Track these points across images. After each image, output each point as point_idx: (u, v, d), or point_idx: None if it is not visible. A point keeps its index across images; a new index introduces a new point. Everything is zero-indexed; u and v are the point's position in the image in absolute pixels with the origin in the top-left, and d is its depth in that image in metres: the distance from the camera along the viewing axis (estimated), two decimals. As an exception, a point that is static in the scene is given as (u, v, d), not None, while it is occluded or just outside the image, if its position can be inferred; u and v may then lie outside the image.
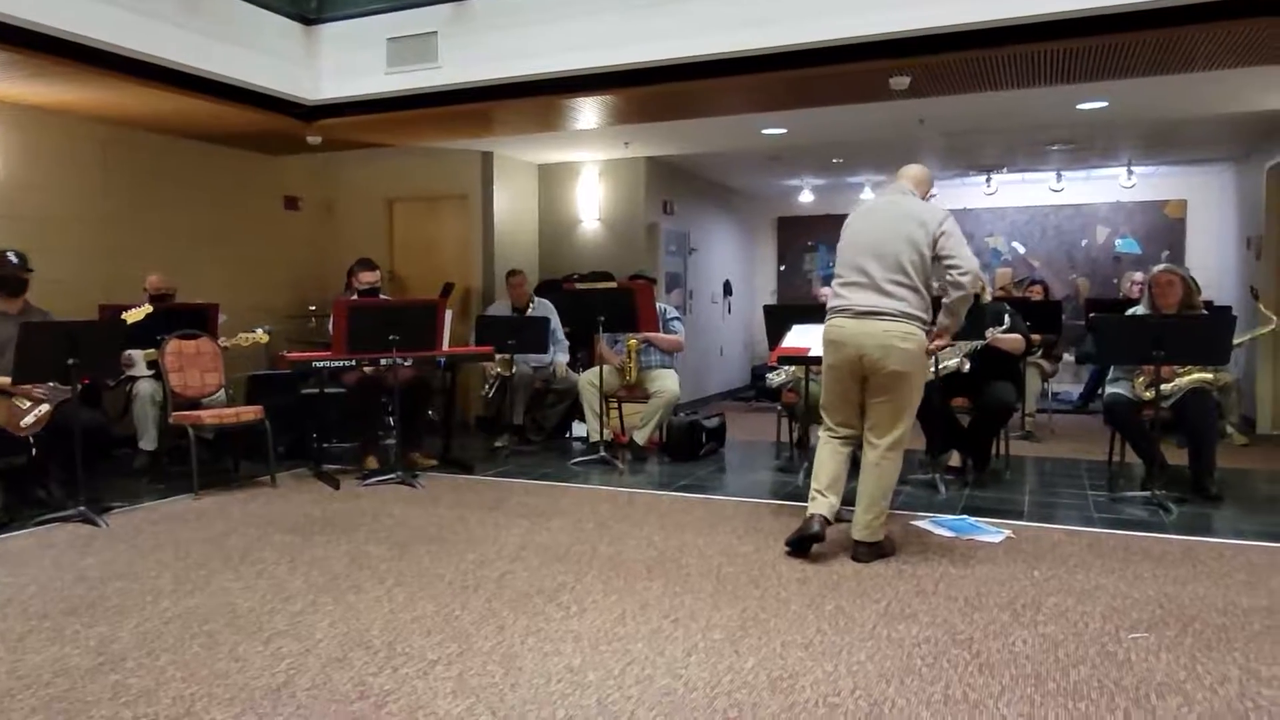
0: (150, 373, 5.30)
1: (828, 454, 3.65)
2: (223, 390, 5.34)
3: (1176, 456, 4.96)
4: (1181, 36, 4.30)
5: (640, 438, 5.95)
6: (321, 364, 5.06)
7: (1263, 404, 7.11)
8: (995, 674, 2.47)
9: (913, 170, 3.78)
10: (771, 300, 10.74)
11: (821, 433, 3.73)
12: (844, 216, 3.74)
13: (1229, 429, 6.53)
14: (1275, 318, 5.32)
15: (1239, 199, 8.41)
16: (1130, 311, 5.13)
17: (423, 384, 5.62)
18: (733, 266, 10.57)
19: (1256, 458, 5.97)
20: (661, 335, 6.05)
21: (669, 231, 8.59)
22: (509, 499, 4.76)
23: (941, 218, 3.50)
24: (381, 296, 5.82)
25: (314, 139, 6.55)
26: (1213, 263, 8.93)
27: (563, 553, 3.71)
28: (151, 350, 5.19)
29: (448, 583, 3.32)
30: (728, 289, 10.30)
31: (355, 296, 5.63)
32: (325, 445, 5.86)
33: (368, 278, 5.69)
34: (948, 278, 3.50)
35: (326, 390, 5.65)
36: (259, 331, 5.53)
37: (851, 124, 6.63)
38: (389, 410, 5.15)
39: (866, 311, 3.48)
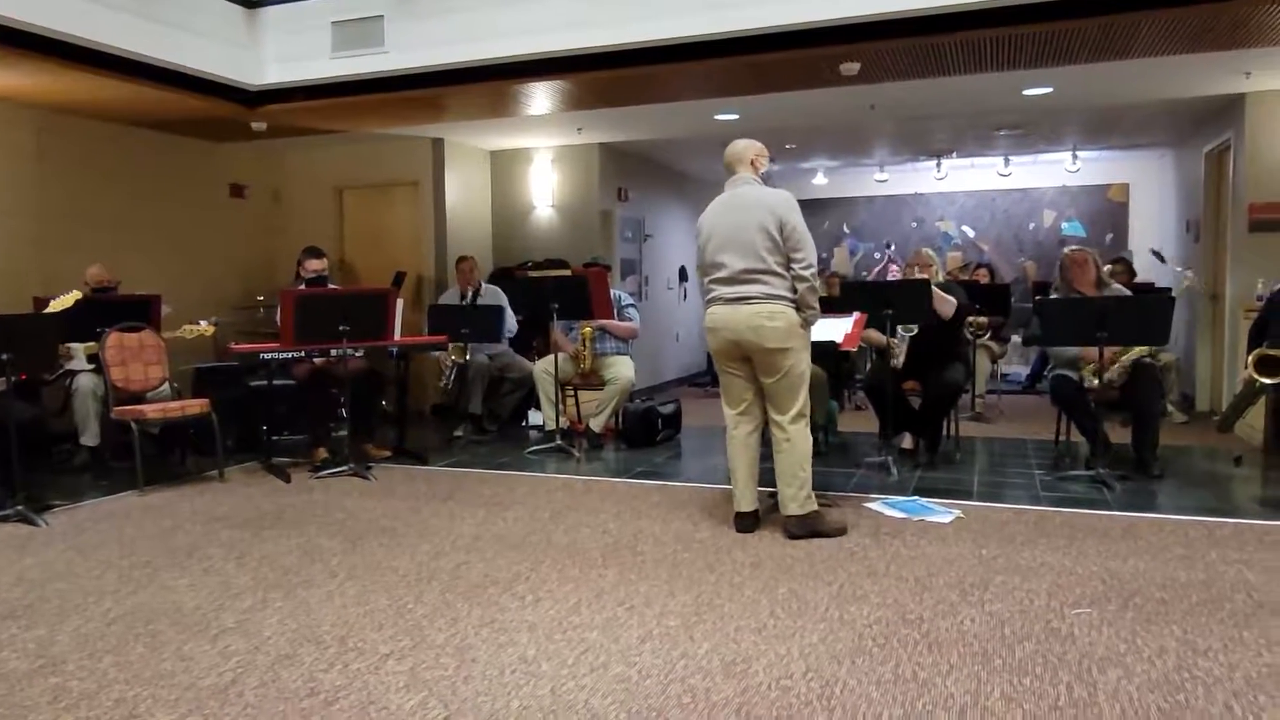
0: (91, 367, 5.15)
1: (738, 449, 3.83)
2: (167, 384, 5.22)
3: (1119, 435, 5.08)
4: (1122, 23, 4.38)
5: (596, 425, 5.94)
6: (269, 356, 4.96)
7: (1201, 383, 7.32)
8: (944, 652, 2.51)
9: (740, 151, 3.86)
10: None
11: (727, 428, 3.88)
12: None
13: (1169, 407, 6.71)
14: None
15: (1178, 183, 8.63)
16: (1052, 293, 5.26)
17: (375, 374, 5.55)
18: (688, 252, 10.57)
19: (1195, 435, 6.14)
20: (616, 322, 6.04)
21: (624, 218, 8.57)
22: (464, 489, 4.73)
23: (788, 208, 3.66)
24: (330, 286, 5.72)
25: (259, 125, 6.40)
26: (1154, 244, 9.15)
27: (518, 542, 3.69)
28: (92, 344, 5.04)
29: (401, 575, 3.29)
30: (683, 275, 10.32)
31: (302, 286, 5.52)
32: (275, 438, 5.76)
33: (315, 266, 5.59)
34: (793, 270, 3.65)
35: (276, 382, 5.54)
36: (204, 324, 5.41)
37: (804, 109, 6.66)
38: (340, 401, 5.07)
39: (734, 298, 3.68)
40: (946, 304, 5.03)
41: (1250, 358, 4.54)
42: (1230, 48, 4.91)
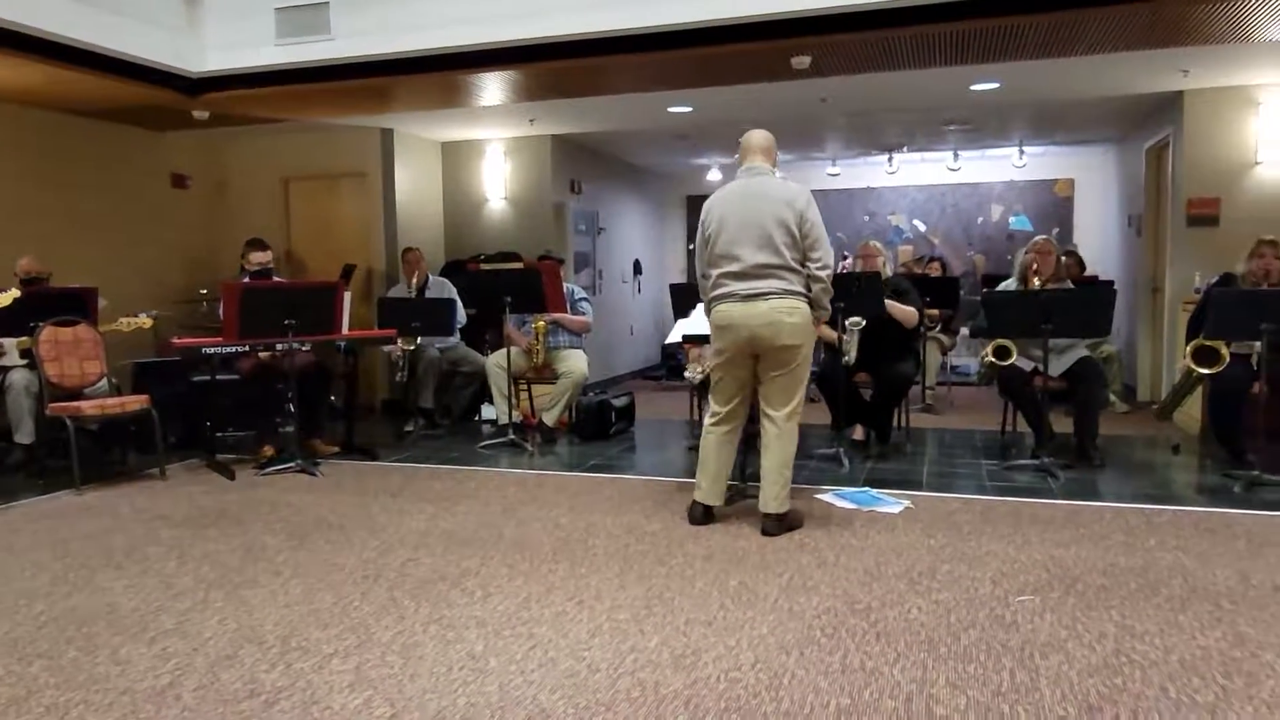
0: (24, 362, 4.98)
1: (714, 446, 3.78)
2: (105, 380, 5.06)
3: (1064, 426, 5.19)
4: (1067, 20, 4.45)
5: (549, 419, 5.91)
6: (212, 350, 4.84)
7: (1142, 374, 7.50)
8: (891, 641, 2.54)
9: (759, 141, 3.80)
10: (682, 280, 10.79)
11: (707, 423, 3.82)
12: None
13: (1111, 398, 6.87)
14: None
15: (1121, 178, 8.82)
16: (1003, 285, 5.35)
17: (322, 369, 5.45)
18: (642, 246, 10.57)
19: (1136, 425, 6.29)
20: (569, 316, 6.00)
21: (577, 211, 8.53)
22: (414, 484, 4.66)
23: (806, 202, 3.61)
24: (275, 279, 5.59)
25: (201, 114, 6.24)
26: (1098, 240, 9.36)
27: (468, 538, 3.65)
28: (25, 339, 4.87)
29: (348, 573, 3.23)
30: (638, 268, 10.30)
31: (246, 279, 5.40)
32: (219, 434, 5.63)
33: (259, 259, 5.46)
34: (808, 269, 3.62)
35: (219, 377, 5.41)
36: (142, 316, 5.26)
37: (757, 103, 6.67)
38: (287, 397, 4.97)
39: (750, 295, 3.58)
40: (908, 314, 5.09)
41: (1188, 349, 4.66)
42: (1169, 46, 5.02)
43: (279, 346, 4.92)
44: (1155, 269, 7.34)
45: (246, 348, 4.91)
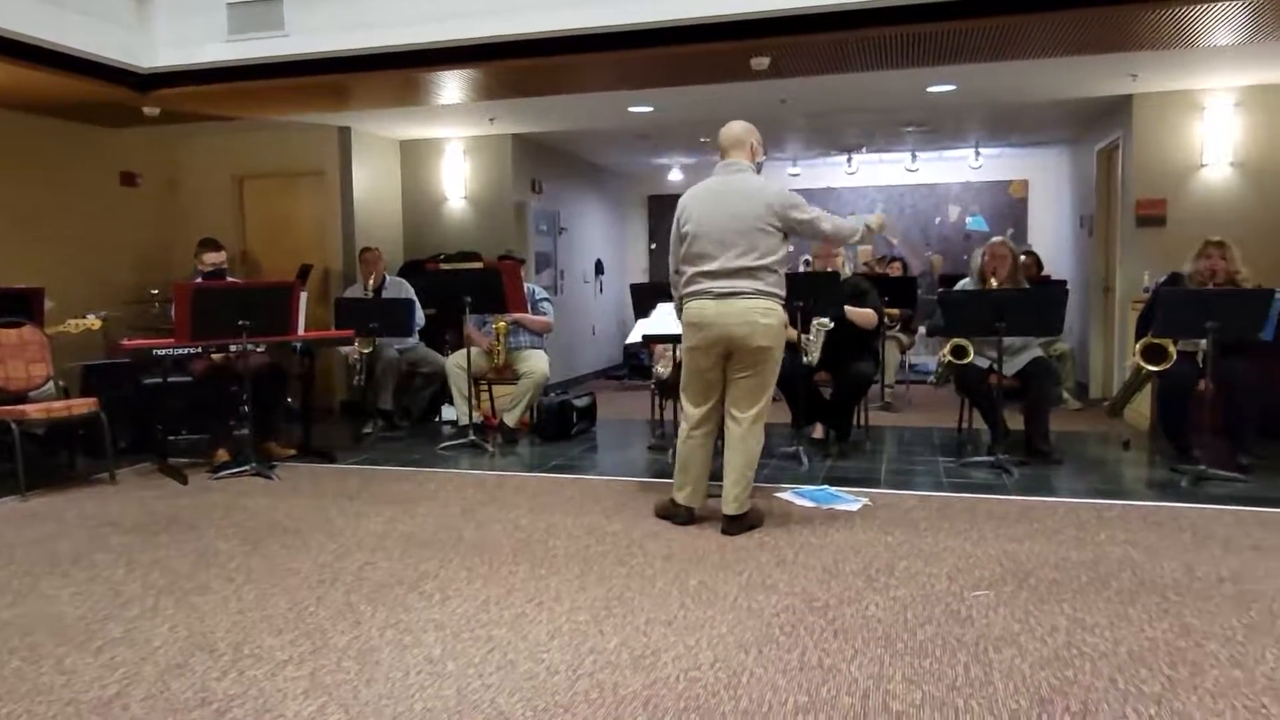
0: (-34, 365, 4.83)
1: (692, 449, 3.75)
2: (51, 382, 4.93)
3: (1020, 423, 5.27)
4: (1018, 24, 4.52)
5: (510, 419, 5.88)
6: (163, 352, 4.74)
7: (1094, 371, 7.66)
8: (849, 638, 2.56)
9: (736, 134, 3.75)
10: (644, 279, 10.80)
11: (682, 427, 3.81)
12: None
13: (1065, 395, 7.01)
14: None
15: (1073, 180, 9.00)
16: (961, 284, 5.43)
17: (278, 370, 5.36)
18: (604, 245, 10.55)
19: (1089, 421, 6.42)
20: (530, 316, 5.98)
21: (538, 210, 8.49)
22: (373, 487, 4.61)
23: (787, 204, 3.62)
24: (230, 279, 5.49)
25: (151, 110, 6.10)
26: (1052, 240, 9.54)
27: (427, 540, 3.61)
28: (-34, 340, 4.73)
29: (303, 577, 3.18)
30: (599, 268, 10.29)
31: (199, 278, 5.30)
32: (171, 438, 5.51)
33: (212, 259, 5.36)
34: (813, 232, 3.72)
35: (171, 379, 5.30)
36: (90, 317, 5.13)
37: (717, 103, 6.69)
38: (241, 399, 4.88)
39: (727, 293, 3.55)
40: (868, 318, 5.14)
41: (1137, 347, 4.76)
42: (1117, 50, 5.12)
43: (233, 348, 4.83)
44: (1106, 268, 7.49)
45: (199, 349, 4.81)
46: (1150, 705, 2.13)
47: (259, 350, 4.95)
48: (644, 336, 4.81)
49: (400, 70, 5.32)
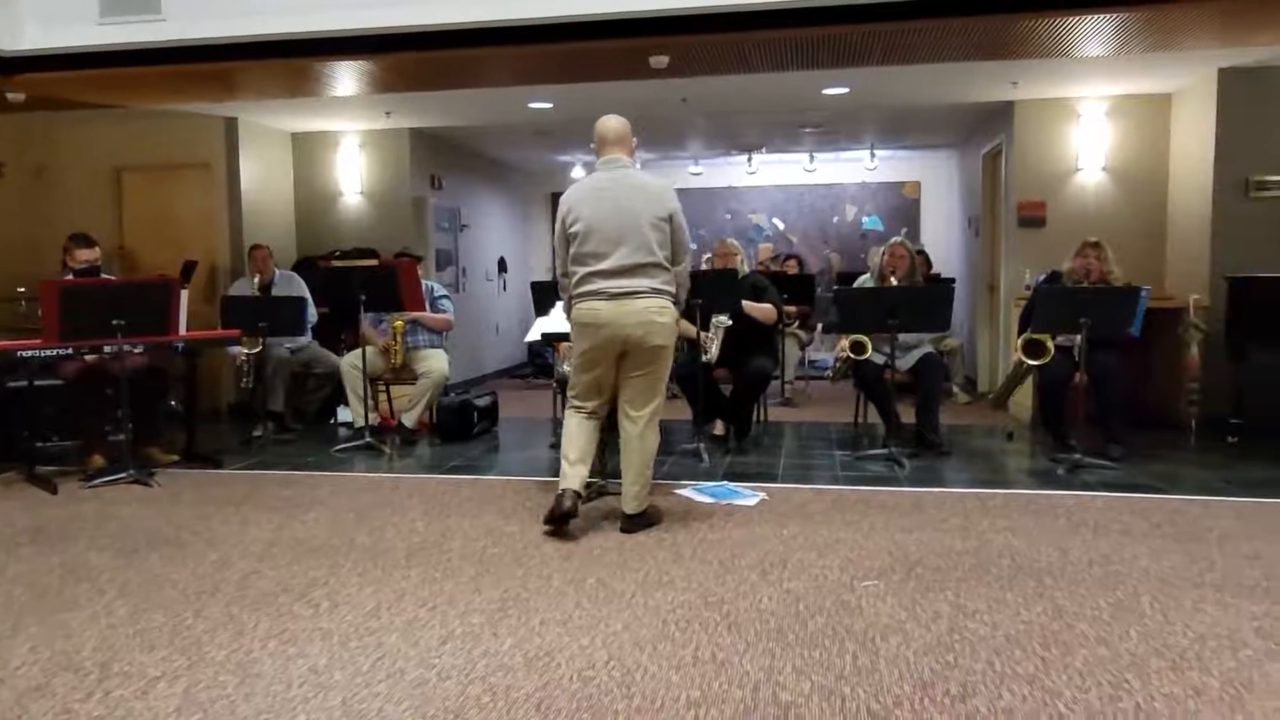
0: None
1: (577, 427, 3.69)
2: (-99, 387, 4.57)
3: (912, 416, 5.44)
4: (907, 30, 4.66)
5: (408, 420, 5.74)
6: (29, 353, 4.45)
7: (982, 366, 7.99)
8: (742, 632, 2.58)
9: (616, 130, 3.70)
10: (546, 278, 10.71)
11: (569, 410, 3.75)
12: None
13: (954, 389, 7.29)
14: None
15: (962, 182, 9.36)
16: (859, 281, 5.59)
17: (157, 372, 5.09)
18: (507, 243, 10.44)
19: (976, 414, 6.69)
20: (429, 314, 5.85)
21: (438, 207, 8.33)
22: (261, 492, 4.43)
23: (674, 199, 3.63)
24: (104, 276, 5.20)
25: (15, 96, 5.71)
26: (943, 239, 9.90)
27: (317, 546, 3.49)
28: None
29: (181, 589, 3.03)
30: (502, 266, 10.17)
31: (70, 276, 4.99)
32: (40, 444, 5.18)
33: (84, 255, 5.05)
34: (675, 268, 3.66)
35: (38, 382, 4.97)
36: (-54, 318, 4.77)
37: (617, 101, 6.62)
38: (117, 402, 4.62)
39: (621, 293, 3.51)
40: (767, 313, 5.22)
41: (1018, 342, 4.98)
42: (998, 58, 5.34)
43: (107, 349, 4.57)
44: (991, 267, 7.82)
45: (69, 350, 4.54)
46: (1024, 685, 2.22)
47: (136, 351, 4.70)
48: (543, 335, 4.76)
49: (290, 60, 5.12)
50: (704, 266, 6.61)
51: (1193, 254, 6.16)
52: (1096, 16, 4.40)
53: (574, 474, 3.61)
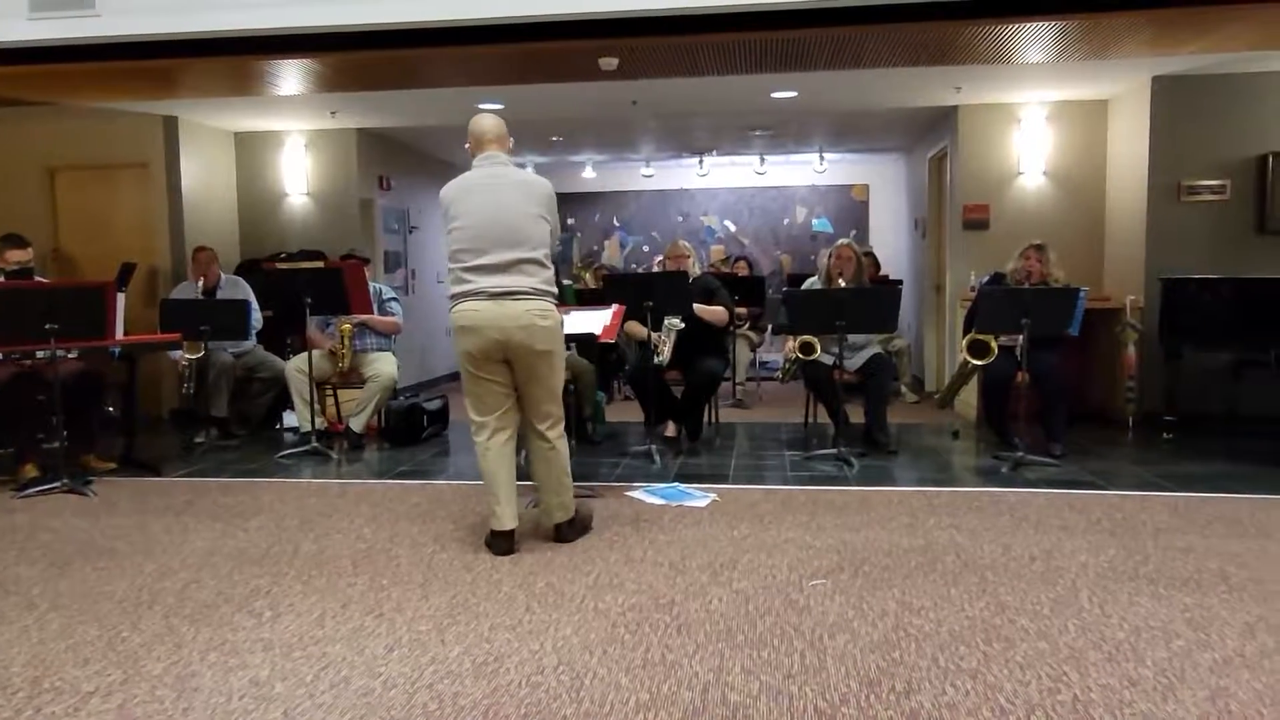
0: None
1: (493, 461, 3.39)
2: None
3: (861, 415, 5.51)
4: (853, 35, 4.72)
5: (356, 424, 5.65)
6: (-44, 359, 4.28)
7: (929, 365, 8.12)
8: (692, 633, 2.59)
9: (493, 129, 3.56)
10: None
11: (476, 440, 3.43)
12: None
13: (902, 389, 7.40)
14: None
15: (909, 185, 9.52)
16: (807, 283, 5.65)
17: (93, 377, 4.94)
18: (459, 245, 10.32)
19: (924, 413, 6.80)
20: (377, 317, 5.77)
21: (387, 208, 8.22)
22: (202, 500, 4.32)
23: (550, 192, 3.48)
24: (37, 279, 5.03)
25: (-60, 92, 5.52)
26: (891, 241, 10.05)
27: (260, 555, 3.42)
28: None
29: (117, 601, 2.94)
30: (454, 268, 10.06)
31: (1, 278, 4.82)
32: (-30, 454, 5.00)
33: (15, 257, 4.89)
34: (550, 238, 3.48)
35: (-33, 389, 4.79)
36: None
37: (568, 103, 6.68)
38: (50, 408, 4.47)
39: (500, 293, 3.29)
40: (718, 315, 5.25)
41: (963, 341, 5.07)
42: (941, 64, 5.43)
43: (39, 353, 4.42)
44: (938, 268, 7.96)
45: (0, 355, 4.38)
46: (968, 680, 2.26)
47: (70, 356, 4.56)
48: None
49: (230, 57, 5.00)
50: (656, 269, 6.61)
51: (1129, 256, 6.34)
52: (1037, 24, 4.50)
53: (505, 514, 3.37)
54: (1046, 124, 6.83)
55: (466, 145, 3.61)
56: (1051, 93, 6.61)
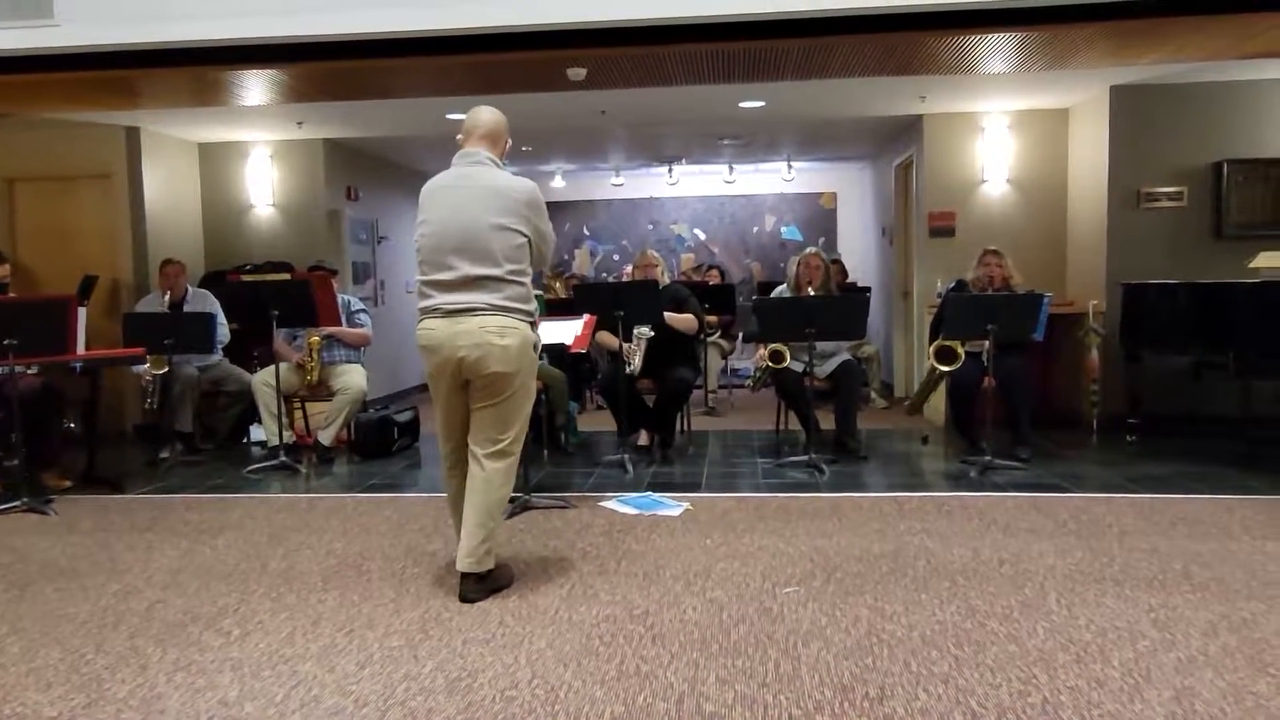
0: None
1: (454, 493, 3.20)
2: None
3: (831, 422, 5.55)
4: (820, 45, 4.77)
5: (325, 438, 5.59)
6: (-89, 376, 4.18)
7: (898, 372, 8.20)
8: (666, 644, 2.59)
9: (485, 123, 3.20)
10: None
11: (448, 465, 3.22)
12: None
13: (872, 395, 7.46)
14: None
15: (876, 193, 9.62)
16: (776, 291, 5.69)
17: (53, 393, 4.85)
18: (428, 255, 10.26)
19: (893, 419, 6.86)
20: (346, 329, 5.72)
21: (355, 219, 8.15)
22: (167, 517, 4.25)
23: (530, 198, 3.10)
24: (10, 295, 4.93)
25: (-106, 103, 5.40)
26: (858, 248, 10.15)
27: (227, 572, 3.37)
28: None
29: (80, 623, 2.88)
30: (423, 278, 10.00)
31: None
32: (-74, 473, 4.87)
33: (-7, 271, 4.80)
34: (541, 250, 3.21)
35: (-77, 407, 4.68)
36: None
37: (537, 113, 6.67)
38: (9, 426, 4.38)
39: (456, 309, 2.98)
40: (689, 323, 5.27)
41: (931, 348, 5.13)
42: (906, 73, 5.50)
43: (-2, 370, 4.33)
44: (905, 275, 8.04)
45: (-44, 372, 4.28)
46: (939, 685, 2.28)
47: (30, 372, 4.46)
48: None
49: (192, 68, 4.94)
50: (625, 278, 6.62)
51: (1090, 261, 6.45)
52: (998, 35, 4.57)
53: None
54: (1009, 132, 6.94)
55: (459, 137, 3.27)
56: (1014, 102, 6.72)
